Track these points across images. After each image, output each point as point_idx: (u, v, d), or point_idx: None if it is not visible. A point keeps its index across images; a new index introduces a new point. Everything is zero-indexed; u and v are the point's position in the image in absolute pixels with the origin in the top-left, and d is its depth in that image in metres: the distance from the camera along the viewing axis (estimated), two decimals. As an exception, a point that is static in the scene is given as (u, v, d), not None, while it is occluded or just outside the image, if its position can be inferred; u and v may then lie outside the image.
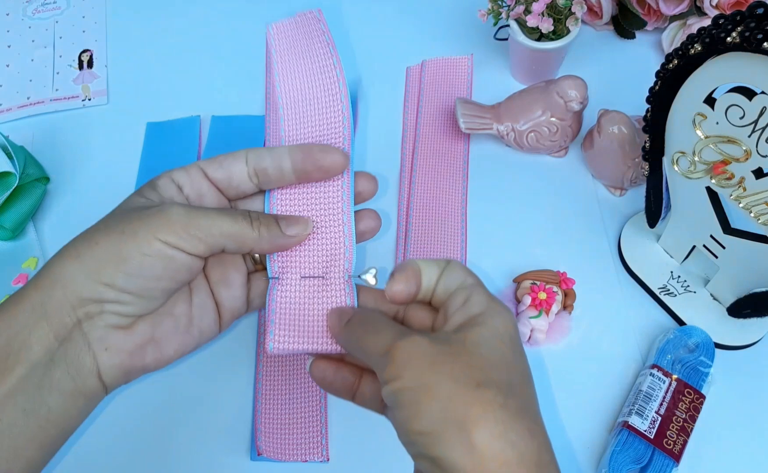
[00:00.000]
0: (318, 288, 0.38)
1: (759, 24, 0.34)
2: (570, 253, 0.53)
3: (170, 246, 0.33)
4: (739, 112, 0.38)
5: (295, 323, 0.37)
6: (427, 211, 0.55)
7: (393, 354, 0.31)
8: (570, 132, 0.55)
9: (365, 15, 0.68)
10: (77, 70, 0.66)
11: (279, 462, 0.45)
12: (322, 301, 0.38)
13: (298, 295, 0.38)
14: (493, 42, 0.65)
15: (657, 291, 0.50)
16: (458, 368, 0.30)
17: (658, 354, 0.46)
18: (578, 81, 0.52)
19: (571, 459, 0.45)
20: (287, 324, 0.37)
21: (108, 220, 0.34)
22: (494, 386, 0.30)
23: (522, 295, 0.49)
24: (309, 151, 0.38)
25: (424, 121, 0.60)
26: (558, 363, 0.49)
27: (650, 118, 0.44)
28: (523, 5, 0.55)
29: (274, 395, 0.48)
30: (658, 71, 0.42)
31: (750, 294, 0.46)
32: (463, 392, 0.29)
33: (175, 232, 0.33)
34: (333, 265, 0.38)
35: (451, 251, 0.53)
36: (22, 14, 0.71)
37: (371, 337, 0.33)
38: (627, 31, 0.64)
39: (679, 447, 0.43)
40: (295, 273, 0.38)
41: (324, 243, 0.39)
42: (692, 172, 0.44)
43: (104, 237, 0.32)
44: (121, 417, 0.48)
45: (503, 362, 0.31)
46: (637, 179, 0.53)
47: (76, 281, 0.31)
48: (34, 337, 0.31)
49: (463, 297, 0.34)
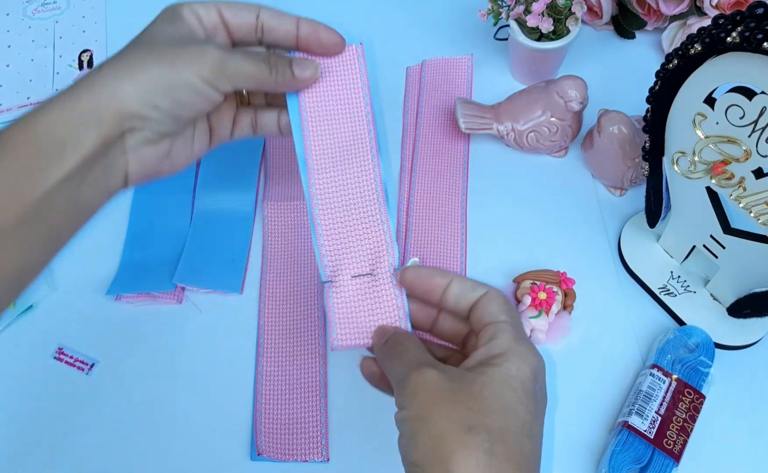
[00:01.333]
0: (368, 286, 0.40)
1: (759, 24, 0.34)
2: (570, 253, 0.53)
3: (207, 82, 0.38)
4: (739, 112, 0.38)
5: (352, 321, 0.40)
6: (427, 210, 0.55)
7: (406, 383, 0.33)
8: (570, 132, 0.55)
9: (365, 15, 0.68)
10: (77, 70, 0.66)
11: (279, 462, 0.45)
12: (373, 297, 0.40)
13: (351, 295, 0.40)
14: (493, 42, 0.65)
15: (657, 291, 0.50)
16: (457, 408, 0.32)
17: (658, 354, 0.46)
18: (578, 81, 0.52)
19: (571, 459, 0.45)
20: (346, 323, 0.40)
21: (154, 48, 0.38)
22: (484, 431, 0.31)
23: (522, 295, 0.49)
24: (316, 27, 0.42)
25: (424, 121, 0.60)
26: (558, 363, 0.49)
27: (650, 118, 0.44)
28: (523, 5, 0.55)
29: (274, 395, 0.48)
30: (658, 71, 0.42)
31: (750, 294, 0.46)
32: (453, 432, 0.31)
33: (212, 71, 0.38)
34: (379, 262, 0.41)
35: (451, 251, 0.53)
36: (22, 14, 0.71)
37: (396, 361, 0.36)
38: (627, 31, 0.64)
39: (679, 447, 0.43)
40: (345, 274, 0.41)
41: (368, 242, 0.41)
42: (692, 172, 0.44)
43: (156, 66, 0.37)
44: (121, 417, 0.48)
45: (504, 408, 0.32)
46: (637, 179, 0.53)
47: (131, 100, 0.36)
48: (88, 138, 0.35)
49: (490, 333, 0.35)
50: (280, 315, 0.51)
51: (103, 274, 0.53)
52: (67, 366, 0.50)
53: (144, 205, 0.57)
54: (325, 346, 0.50)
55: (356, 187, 0.43)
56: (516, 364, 0.33)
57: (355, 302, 0.40)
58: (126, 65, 0.36)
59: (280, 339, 0.50)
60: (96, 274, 0.54)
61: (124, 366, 0.50)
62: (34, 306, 0.53)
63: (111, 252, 0.55)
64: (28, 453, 0.47)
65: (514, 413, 0.32)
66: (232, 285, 0.53)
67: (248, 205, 0.57)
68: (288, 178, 0.58)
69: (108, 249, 0.55)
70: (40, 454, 0.47)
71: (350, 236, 0.42)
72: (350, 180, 0.43)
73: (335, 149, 0.43)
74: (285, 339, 0.50)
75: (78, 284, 0.54)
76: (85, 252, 0.55)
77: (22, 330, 0.52)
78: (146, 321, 0.52)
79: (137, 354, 0.50)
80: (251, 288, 0.53)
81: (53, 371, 0.50)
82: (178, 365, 0.50)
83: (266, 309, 0.51)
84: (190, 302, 0.52)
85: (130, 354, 0.50)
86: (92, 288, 0.53)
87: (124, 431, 0.47)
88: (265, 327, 0.51)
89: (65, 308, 0.53)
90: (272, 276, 0.53)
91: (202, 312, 0.52)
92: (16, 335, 0.52)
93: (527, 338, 0.36)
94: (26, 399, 0.49)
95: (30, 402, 0.49)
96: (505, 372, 0.33)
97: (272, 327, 0.51)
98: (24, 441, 0.47)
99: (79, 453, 0.47)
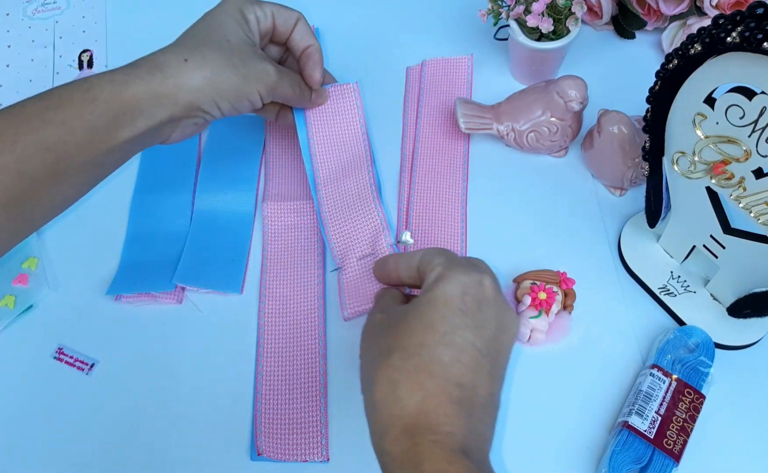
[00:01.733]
0: (370, 263, 0.49)
1: (759, 24, 0.34)
2: (570, 253, 0.53)
3: (262, 97, 0.46)
4: (739, 112, 0.38)
5: (360, 293, 0.49)
6: (427, 210, 0.55)
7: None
8: (570, 132, 0.55)
9: (365, 15, 0.68)
10: (77, 70, 0.66)
11: (279, 462, 0.45)
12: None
13: (357, 273, 0.50)
14: (493, 42, 0.65)
15: (657, 291, 0.50)
16: (385, 339, 0.37)
17: (658, 354, 0.46)
18: (578, 81, 0.52)
19: (571, 459, 0.45)
20: (355, 295, 0.49)
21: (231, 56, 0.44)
22: (400, 350, 0.36)
23: (522, 295, 0.49)
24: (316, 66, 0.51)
25: (424, 121, 0.60)
26: (558, 363, 0.49)
27: (650, 118, 0.44)
28: (523, 5, 0.55)
29: (274, 395, 0.48)
30: (658, 71, 0.42)
31: (750, 294, 0.46)
32: (376, 358, 0.37)
33: (268, 89, 0.46)
34: (377, 242, 0.50)
35: (451, 250, 0.53)
36: (22, 14, 0.71)
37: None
38: (627, 31, 0.64)
39: (679, 447, 0.43)
40: (352, 258, 0.50)
41: (367, 230, 0.51)
42: (692, 172, 0.44)
43: (234, 77, 0.44)
44: (121, 417, 0.48)
45: (424, 326, 0.36)
46: (637, 179, 0.53)
47: (204, 99, 0.43)
48: (159, 115, 0.42)
49: (427, 274, 0.40)
50: (280, 315, 0.51)
51: (103, 274, 0.53)
52: (67, 366, 0.50)
53: (144, 205, 0.57)
54: (325, 346, 0.50)
55: (355, 191, 0.53)
56: (442, 286, 0.37)
57: (361, 277, 0.49)
58: (208, 67, 0.43)
59: (280, 339, 0.50)
60: (96, 274, 0.54)
61: (124, 366, 0.50)
62: (34, 306, 0.53)
63: (111, 253, 0.55)
64: (28, 453, 0.47)
65: (433, 328, 0.36)
66: (232, 285, 0.53)
67: (248, 205, 0.57)
68: (288, 178, 0.58)
69: (108, 250, 0.55)
70: (40, 454, 0.47)
71: (353, 228, 0.51)
72: (350, 188, 0.53)
73: (338, 167, 0.54)
74: (285, 339, 0.50)
75: (78, 284, 0.54)
76: (85, 253, 0.55)
77: (22, 330, 0.52)
78: (146, 321, 0.52)
79: (137, 354, 0.50)
80: (251, 288, 0.53)
81: (53, 371, 0.50)
82: (178, 365, 0.50)
83: (266, 309, 0.51)
84: (190, 302, 0.52)
85: (130, 354, 0.50)
86: (92, 288, 0.53)
87: (124, 431, 0.47)
88: (265, 327, 0.51)
89: (65, 308, 0.53)
90: (272, 276, 0.53)
91: (202, 312, 0.52)
92: (16, 335, 0.52)
93: (465, 263, 0.40)
94: (26, 399, 0.49)
95: (30, 402, 0.49)
96: (431, 295, 0.37)
97: (272, 327, 0.51)
98: (24, 441, 0.47)
99: (79, 452, 0.47)
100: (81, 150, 0.39)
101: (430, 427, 0.33)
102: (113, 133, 0.40)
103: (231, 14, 0.46)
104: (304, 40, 0.50)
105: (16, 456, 0.47)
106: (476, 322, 0.37)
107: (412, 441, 0.33)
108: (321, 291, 0.52)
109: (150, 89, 0.41)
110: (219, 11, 0.46)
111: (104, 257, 0.54)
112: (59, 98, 0.39)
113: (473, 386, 0.35)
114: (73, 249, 0.55)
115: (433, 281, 0.38)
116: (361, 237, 0.51)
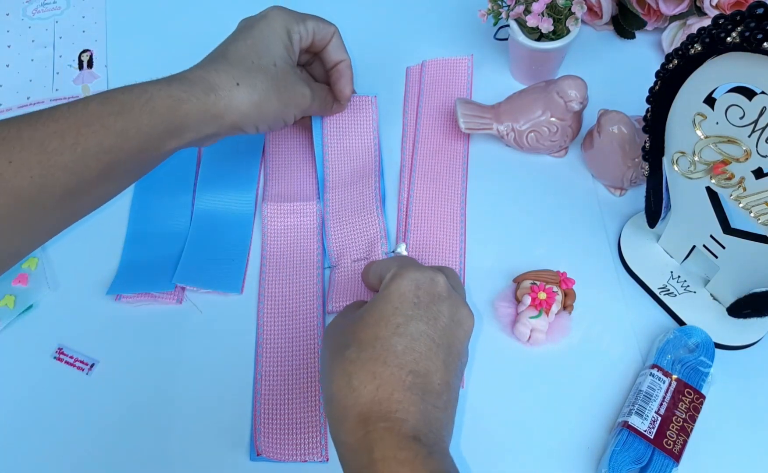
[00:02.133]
0: (363, 266, 0.50)
1: (759, 24, 0.34)
2: (570, 253, 0.53)
3: (294, 117, 0.50)
4: (739, 112, 0.38)
5: (346, 292, 0.51)
6: (426, 210, 0.55)
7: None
8: (570, 132, 0.55)
9: (365, 15, 0.68)
10: (77, 70, 0.66)
11: (278, 462, 0.45)
12: None
13: (348, 274, 0.52)
14: (493, 42, 0.65)
15: (657, 291, 0.50)
16: (343, 337, 0.39)
17: (658, 354, 0.46)
18: (578, 81, 0.52)
19: (571, 459, 0.45)
20: (341, 293, 0.51)
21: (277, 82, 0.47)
22: (355, 344, 0.37)
23: (522, 295, 0.49)
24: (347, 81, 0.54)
25: (424, 121, 0.60)
26: (558, 363, 0.49)
27: (650, 118, 0.44)
28: (523, 5, 0.55)
29: (274, 395, 0.48)
30: (658, 71, 0.42)
31: (750, 294, 0.46)
32: (333, 354, 0.38)
33: (302, 111, 0.50)
34: (373, 247, 0.52)
35: (450, 251, 0.53)
36: (22, 14, 0.71)
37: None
38: (627, 31, 0.64)
39: (679, 447, 0.43)
40: (347, 258, 0.52)
41: (365, 233, 0.53)
42: (692, 172, 0.44)
43: (277, 103, 0.47)
44: (121, 416, 0.48)
45: (378, 313, 0.38)
46: (637, 179, 0.53)
47: (248, 120, 0.46)
48: (205, 130, 0.45)
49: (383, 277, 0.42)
50: (279, 315, 0.51)
51: (103, 274, 0.54)
52: (67, 366, 0.50)
53: (144, 205, 0.57)
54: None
55: (360, 198, 0.55)
56: (396, 282, 0.40)
57: (351, 278, 0.51)
58: (257, 93, 0.45)
59: (280, 339, 0.50)
60: (96, 274, 0.54)
61: (124, 366, 0.50)
62: (34, 306, 0.53)
63: (111, 252, 0.55)
64: (28, 452, 0.47)
65: (386, 320, 0.38)
66: (232, 285, 0.53)
67: (248, 205, 0.57)
68: (288, 179, 0.58)
69: (108, 249, 0.55)
70: (41, 454, 0.47)
71: (352, 231, 0.53)
72: (356, 195, 0.55)
73: (347, 174, 0.56)
74: (285, 339, 0.50)
75: (78, 284, 0.54)
76: (85, 253, 0.55)
77: (22, 330, 0.52)
78: (146, 321, 0.52)
79: (137, 354, 0.50)
80: (251, 288, 0.53)
81: (53, 371, 0.50)
82: (178, 365, 0.50)
83: (266, 309, 0.51)
84: (190, 302, 0.52)
85: (130, 354, 0.50)
86: (92, 288, 0.53)
87: (124, 431, 0.47)
88: (264, 327, 0.51)
89: (65, 308, 0.53)
90: (272, 276, 0.53)
91: (202, 312, 0.52)
92: (16, 335, 0.52)
93: (419, 264, 0.43)
94: (26, 399, 0.49)
95: (30, 402, 0.49)
96: (385, 292, 0.40)
97: (272, 327, 0.51)
98: (24, 441, 0.47)
99: (79, 452, 0.47)
100: (132, 155, 0.41)
101: (382, 415, 0.35)
102: (163, 142, 0.43)
103: (278, 34, 0.48)
104: (337, 54, 0.53)
105: (16, 456, 0.47)
106: (429, 314, 0.39)
107: (365, 429, 0.34)
108: (320, 292, 0.52)
109: (203, 109, 0.43)
110: (266, 30, 0.48)
111: (104, 257, 0.54)
112: (121, 105, 0.41)
113: (426, 372, 0.37)
114: (73, 249, 0.55)
115: (389, 280, 0.41)
116: (359, 241, 0.53)
